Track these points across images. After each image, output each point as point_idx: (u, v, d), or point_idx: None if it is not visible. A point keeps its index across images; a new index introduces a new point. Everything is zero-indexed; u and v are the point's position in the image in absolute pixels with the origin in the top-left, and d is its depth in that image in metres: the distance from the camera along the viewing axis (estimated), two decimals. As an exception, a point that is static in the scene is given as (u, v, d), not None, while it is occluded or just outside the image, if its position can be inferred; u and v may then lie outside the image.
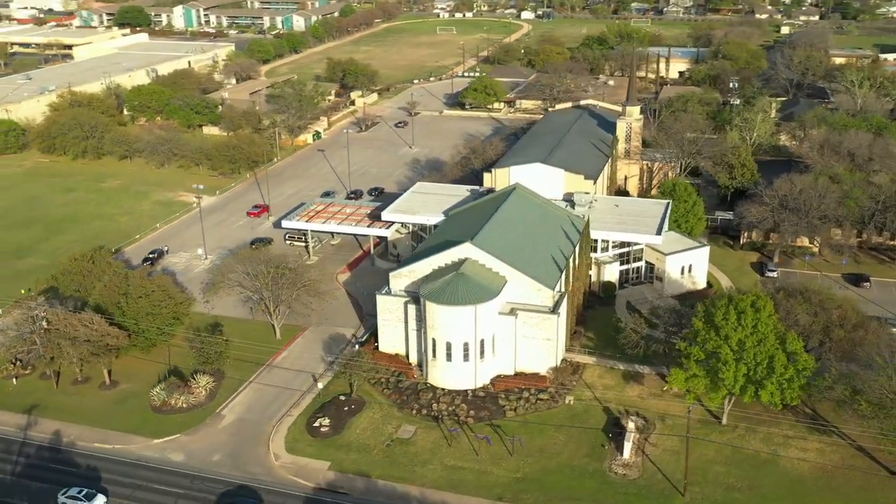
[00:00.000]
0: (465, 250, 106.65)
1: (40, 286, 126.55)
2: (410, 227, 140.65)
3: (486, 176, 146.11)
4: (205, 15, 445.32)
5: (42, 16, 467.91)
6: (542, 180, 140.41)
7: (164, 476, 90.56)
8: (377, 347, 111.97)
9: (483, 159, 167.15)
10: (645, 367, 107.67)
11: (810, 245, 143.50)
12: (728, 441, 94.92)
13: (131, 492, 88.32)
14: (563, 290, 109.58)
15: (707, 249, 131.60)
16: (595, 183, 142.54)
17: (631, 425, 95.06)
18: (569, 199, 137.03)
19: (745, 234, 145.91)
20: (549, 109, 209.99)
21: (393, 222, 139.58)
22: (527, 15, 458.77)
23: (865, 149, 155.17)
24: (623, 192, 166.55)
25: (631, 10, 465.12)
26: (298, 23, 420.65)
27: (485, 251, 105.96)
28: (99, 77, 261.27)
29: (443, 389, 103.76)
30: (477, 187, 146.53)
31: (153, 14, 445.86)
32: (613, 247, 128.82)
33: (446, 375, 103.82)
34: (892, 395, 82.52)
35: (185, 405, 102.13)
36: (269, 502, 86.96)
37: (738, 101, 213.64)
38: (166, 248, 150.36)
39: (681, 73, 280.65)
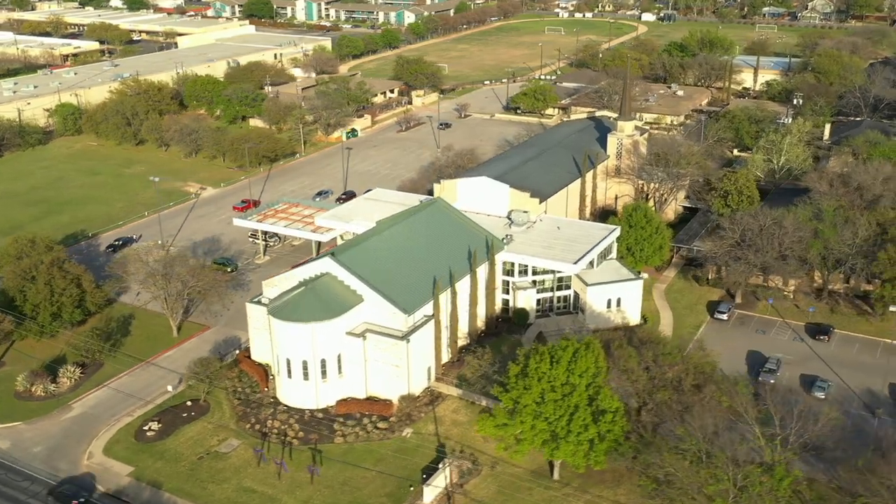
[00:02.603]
0: (325, 264, 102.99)
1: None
2: (352, 233, 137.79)
3: (436, 187, 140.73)
4: (326, 9, 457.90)
5: (183, 4, 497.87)
6: (488, 195, 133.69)
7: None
8: (248, 356, 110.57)
9: (457, 167, 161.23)
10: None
11: (783, 287, 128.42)
12: (546, 499, 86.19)
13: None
14: (432, 314, 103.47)
15: (640, 283, 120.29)
16: (543, 202, 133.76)
17: (443, 468, 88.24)
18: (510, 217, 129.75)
19: (713, 269, 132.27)
20: (564, 119, 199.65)
21: (331, 228, 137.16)
22: (648, 17, 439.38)
23: (879, 184, 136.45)
24: (610, 212, 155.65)
25: (763, 15, 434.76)
26: (410, 18, 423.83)
27: (343, 267, 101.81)
28: (189, 64, 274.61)
29: (285, 406, 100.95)
30: (430, 197, 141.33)
31: (279, 7, 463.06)
32: (540, 273, 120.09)
33: (288, 392, 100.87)
34: (681, 472, 71.64)
35: (43, 394, 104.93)
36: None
37: (788, 120, 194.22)
38: (136, 237, 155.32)
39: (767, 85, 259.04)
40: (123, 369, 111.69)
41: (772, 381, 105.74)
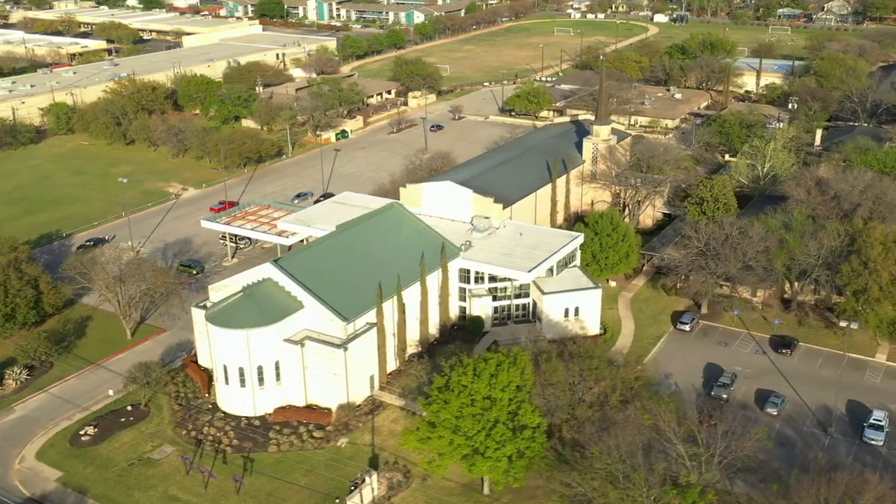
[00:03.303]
0: (266, 270, 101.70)
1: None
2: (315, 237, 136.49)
3: (402, 191, 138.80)
4: (337, 9, 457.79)
5: (199, 4, 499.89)
6: (452, 200, 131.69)
7: None
8: (195, 360, 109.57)
9: (431, 170, 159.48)
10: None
11: (752, 298, 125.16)
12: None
13: None
14: (374, 322, 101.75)
15: (598, 292, 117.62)
16: (507, 208, 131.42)
17: (370, 480, 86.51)
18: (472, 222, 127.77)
19: (679, 279, 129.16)
20: (547, 123, 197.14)
21: (294, 232, 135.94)
22: (660, 18, 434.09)
23: (857, 193, 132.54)
24: (579, 218, 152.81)
25: (778, 17, 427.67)
26: (419, 19, 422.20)
27: (284, 273, 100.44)
28: (189, 63, 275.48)
29: (223, 413, 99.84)
30: (397, 201, 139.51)
31: (291, 7, 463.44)
32: (497, 280, 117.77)
33: (226, 399, 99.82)
34: (591, 493, 69.27)
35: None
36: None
37: (779, 125, 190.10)
38: (109, 238, 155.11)
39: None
40: (72, 372, 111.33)
41: (724, 396, 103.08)
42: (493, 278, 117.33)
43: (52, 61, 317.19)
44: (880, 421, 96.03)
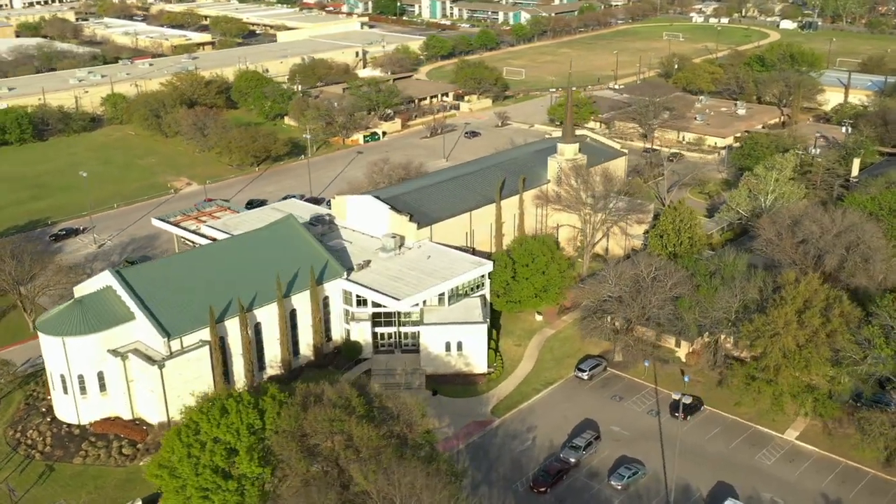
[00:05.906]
0: (105, 278, 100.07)
1: None
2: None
3: (332, 202, 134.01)
4: (450, 7, 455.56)
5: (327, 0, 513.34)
6: (372, 215, 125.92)
7: None
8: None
9: (390, 180, 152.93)
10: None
11: (674, 348, 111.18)
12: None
13: None
14: (208, 341, 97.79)
15: (484, 327, 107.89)
16: (424, 228, 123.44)
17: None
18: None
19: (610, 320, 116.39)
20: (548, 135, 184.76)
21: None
22: (787, 24, 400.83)
23: (830, 239, 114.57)
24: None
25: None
26: (527, 19, 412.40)
27: (120, 281, 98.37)
28: (261, 59, 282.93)
29: (52, 418, 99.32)
30: (328, 212, 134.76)
31: (407, 5, 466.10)
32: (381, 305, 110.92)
33: (58, 404, 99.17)
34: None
35: None
36: None
37: (816, 151, 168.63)
38: (82, 228, 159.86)
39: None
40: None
41: (572, 461, 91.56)
42: (374, 304, 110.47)
43: (154, 52, 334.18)
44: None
